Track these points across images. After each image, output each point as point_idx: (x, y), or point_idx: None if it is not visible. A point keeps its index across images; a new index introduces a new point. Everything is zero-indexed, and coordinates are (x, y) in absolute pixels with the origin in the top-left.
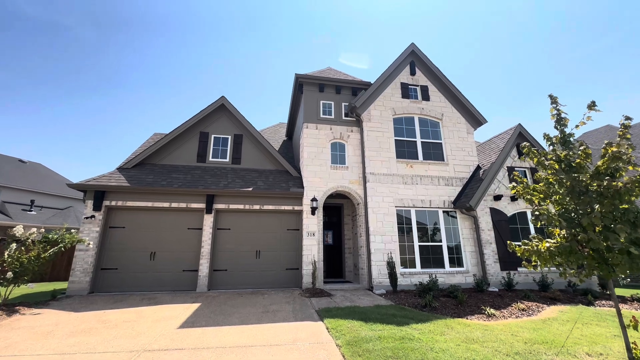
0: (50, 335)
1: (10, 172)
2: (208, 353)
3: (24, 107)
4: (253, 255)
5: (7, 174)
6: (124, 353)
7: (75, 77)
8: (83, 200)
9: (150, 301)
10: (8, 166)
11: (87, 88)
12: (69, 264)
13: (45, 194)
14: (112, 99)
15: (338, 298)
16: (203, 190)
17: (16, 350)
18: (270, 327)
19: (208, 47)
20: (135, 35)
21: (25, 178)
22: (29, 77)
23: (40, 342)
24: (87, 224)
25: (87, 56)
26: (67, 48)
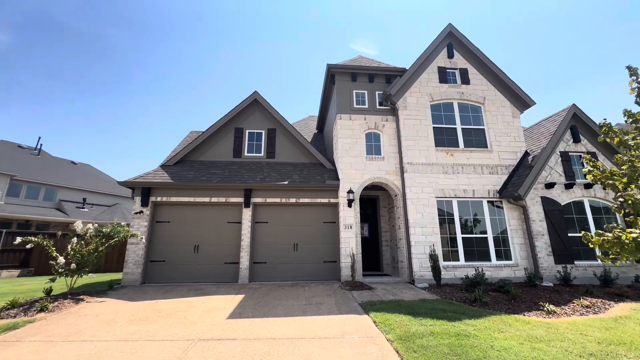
0: (112, 322)
1: (64, 174)
2: (259, 344)
3: (70, 111)
4: (291, 248)
5: (62, 175)
6: (181, 341)
7: (116, 81)
8: (132, 197)
9: (197, 292)
10: (62, 168)
11: (127, 91)
12: (120, 256)
13: (95, 192)
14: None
15: (379, 291)
16: (240, 185)
17: (86, 335)
18: (316, 319)
19: (238, 45)
20: (167, 38)
21: (77, 178)
22: (73, 83)
23: (104, 328)
24: (136, 219)
25: (124, 60)
26: (106, 54)
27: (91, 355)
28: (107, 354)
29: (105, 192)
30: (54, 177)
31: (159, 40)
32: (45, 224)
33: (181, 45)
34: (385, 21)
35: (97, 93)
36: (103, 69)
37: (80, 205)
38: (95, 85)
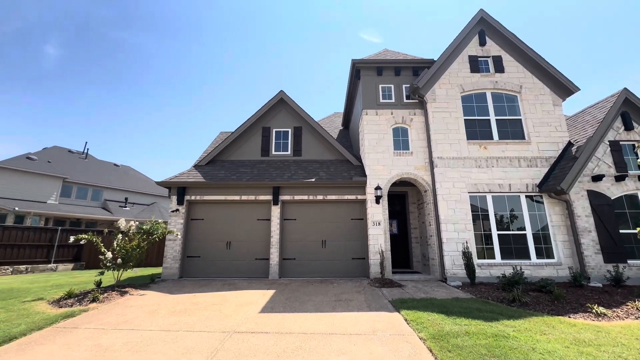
0: (155, 313)
1: (108, 175)
2: (291, 338)
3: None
4: (319, 245)
5: (106, 177)
6: (218, 333)
7: (152, 89)
8: (168, 196)
9: (230, 286)
10: (106, 170)
11: (163, 97)
12: (159, 252)
13: (135, 192)
14: (182, 101)
15: (410, 289)
16: (269, 183)
17: (132, 325)
18: (346, 315)
19: (263, 47)
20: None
21: (119, 179)
22: (112, 89)
23: (148, 319)
24: (173, 217)
25: (158, 68)
26: (141, 61)
27: (137, 343)
28: (152, 342)
29: (144, 192)
30: (99, 179)
31: (191, 48)
32: (93, 222)
33: (213, 51)
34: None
35: (134, 99)
36: (139, 77)
37: (122, 204)
38: (132, 92)
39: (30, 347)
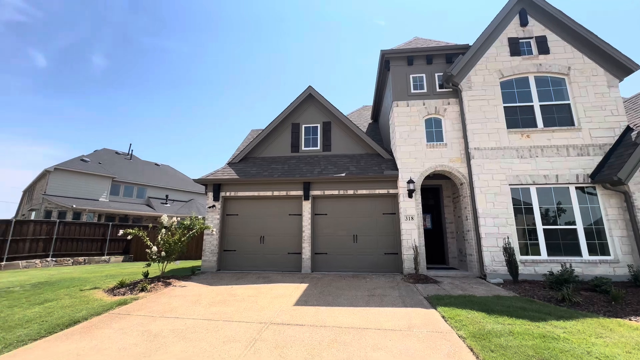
0: (197, 303)
1: (151, 174)
2: (326, 331)
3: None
4: (350, 240)
5: (149, 176)
6: (255, 324)
7: (185, 90)
8: (205, 193)
9: (264, 279)
10: (149, 169)
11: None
12: (197, 245)
13: (174, 190)
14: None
15: (446, 285)
16: (299, 179)
17: (177, 313)
18: (380, 311)
19: (289, 44)
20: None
21: (160, 178)
22: (148, 93)
23: (191, 308)
24: (210, 213)
25: (190, 71)
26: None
27: (183, 330)
28: (195, 330)
29: (183, 189)
30: (143, 178)
31: (222, 49)
32: (139, 217)
33: (244, 49)
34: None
35: (171, 101)
36: (175, 80)
37: (163, 201)
38: (168, 95)
39: (91, 330)
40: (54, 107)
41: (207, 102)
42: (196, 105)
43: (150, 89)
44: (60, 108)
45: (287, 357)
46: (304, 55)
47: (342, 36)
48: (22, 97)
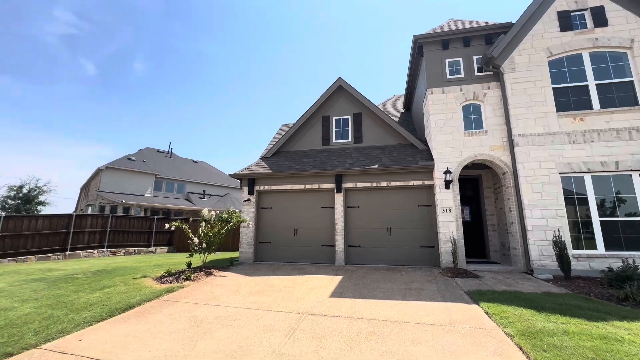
0: (236, 292)
1: (189, 170)
2: (363, 323)
3: (186, 116)
4: (384, 232)
5: (187, 172)
6: (293, 314)
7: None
8: (240, 187)
9: (299, 271)
10: (187, 166)
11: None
12: (234, 237)
13: (211, 185)
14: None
15: (488, 280)
16: (331, 171)
17: (219, 301)
18: (418, 305)
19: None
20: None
21: (197, 174)
22: (185, 94)
23: (232, 297)
24: (245, 206)
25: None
26: (213, 65)
27: (225, 318)
28: (237, 318)
29: (218, 184)
30: (182, 174)
31: (251, 48)
32: (180, 211)
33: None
34: None
35: (204, 100)
36: (207, 80)
37: (201, 195)
38: (202, 94)
39: (144, 315)
40: (103, 110)
41: (239, 99)
42: (229, 103)
43: (185, 89)
44: (108, 111)
45: (326, 348)
46: (333, 49)
47: (370, 25)
48: (77, 103)
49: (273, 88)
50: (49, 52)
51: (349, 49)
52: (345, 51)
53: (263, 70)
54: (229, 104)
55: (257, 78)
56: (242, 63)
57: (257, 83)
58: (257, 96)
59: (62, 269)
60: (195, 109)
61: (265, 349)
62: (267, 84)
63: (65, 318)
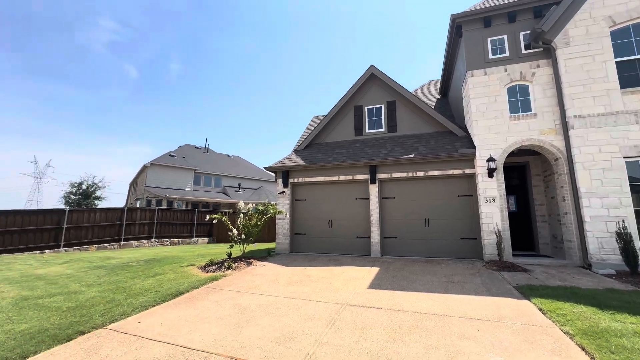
0: (276, 282)
1: (224, 165)
2: (404, 316)
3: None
4: (421, 224)
5: (223, 167)
6: (332, 304)
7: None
8: (275, 180)
9: (335, 262)
10: (223, 161)
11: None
12: (269, 229)
13: (245, 179)
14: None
15: (539, 274)
16: (365, 162)
17: (260, 290)
18: (462, 298)
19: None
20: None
21: (232, 168)
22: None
23: (271, 286)
24: (280, 198)
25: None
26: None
27: (267, 306)
28: (278, 306)
29: (252, 177)
30: (219, 169)
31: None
32: (217, 204)
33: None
34: None
35: (237, 96)
36: (239, 76)
37: (237, 189)
38: (234, 91)
39: (193, 301)
40: (144, 111)
41: (271, 93)
42: (261, 98)
43: (218, 86)
44: (149, 112)
45: (368, 339)
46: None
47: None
48: (122, 105)
49: (304, 81)
50: (96, 59)
51: (380, 36)
52: (376, 39)
53: (294, 64)
54: (261, 99)
55: (290, 71)
56: (273, 57)
57: (290, 76)
58: (289, 89)
59: (118, 258)
60: (229, 104)
61: (308, 337)
62: (297, 77)
63: (125, 302)
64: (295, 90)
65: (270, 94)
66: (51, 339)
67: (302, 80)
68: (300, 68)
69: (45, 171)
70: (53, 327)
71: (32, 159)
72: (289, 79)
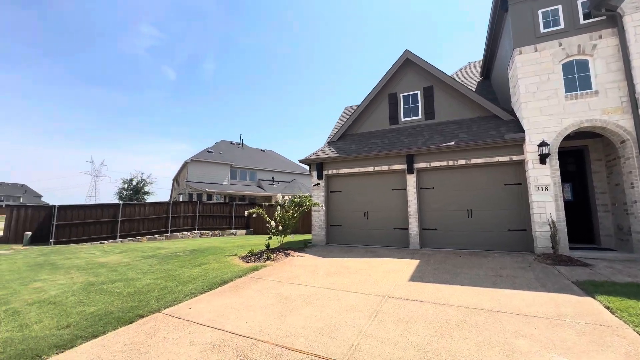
0: (314, 273)
1: (258, 159)
2: (451, 310)
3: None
4: (463, 215)
5: (257, 161)
6: (373, 296)
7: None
8: (309, 172)
9: (372, 254)
10: (256, 155)
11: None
12: (304, 221)
13: (278, 172)
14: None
15: (602, 269)
16: (402, 151)
17: (300, 281)
18: (513, 293)
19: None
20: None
21: (266, 162)
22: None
23: (310, 277)
24: (315, 190)
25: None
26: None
27: (308, 296)
28: (318, 297)
29: (285, 170)
30: (253, 163)
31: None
32: (253, 197)
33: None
34: None
35: (268, 91)
36: (270, 72)
37: (270, 182)
38: (266, 85)
39: (237, 290)
40: (183, 110)
41: (302, 87)
42: (292, 92)
43: (251, 82)
44: (188, 111)
45: (414, 332)
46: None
47: None
48: (162, 106)
49: (334, 73)
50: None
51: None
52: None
53: (324, 55)
54: (292, 93)
55: (321, 64)
56: (303, 50)
57: (321, 69)
58: (321, 83)
59: (166, 248)
60: (261, 100)
61: (350, 328)
62: (328, 69)
63: (176, 289)
64: (328, 83)
65: (303, 87)
66: (116, 321)
67: (334, 74)
68: (332, 62)
69: (100, 170)
70: (117, 310)
71: (89, 159)
72: (321, 73)
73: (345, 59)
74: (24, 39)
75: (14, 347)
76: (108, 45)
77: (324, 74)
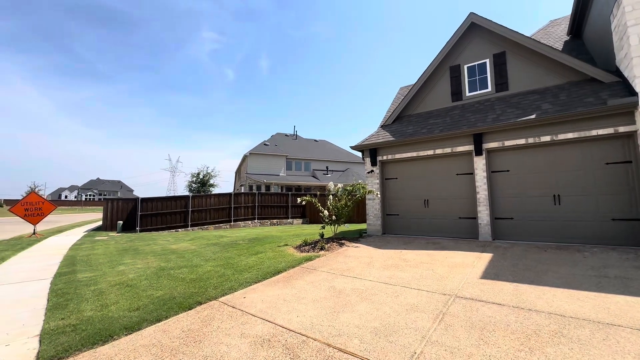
0: (370, 265)
1: (312, 150)
2: (540, 318)
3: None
4: (548, 201)
5: (311, 151)
6: (437, 294)
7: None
8: (362, 159)
9: (435, 245)
10: (310, 145)
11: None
12: (358, 210)
13: (332, 161)
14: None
15: None
16: (468, 131)
17: (354, 273)
18: (631, 301)
19: None
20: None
21: (320, 152)
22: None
23: (366, 270)
24: (369, 178)
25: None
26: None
27: (363, 291)
28: (374, 292)
29: (338, 160)
30: (307, 153)
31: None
32: (308, 187)
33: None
34: None
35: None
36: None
37: (324, 171)
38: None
39: (290, 280)
40: (242, 107)
41: (354, 74)
42: (344, 80)
43: (303, 73)
44: (246, 107)
45: (492, 344)
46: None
47: None
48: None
49: (387, 56)
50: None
51: None
52: None
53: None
54: (345, 81)
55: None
56: (353, 35)
57: (371, 52)
58: (374, 68)
59: (229, 236)
60: (314, 90)
61: (412, 331)
62: (379, 51)
63: (232, 277)
64: (381, 68)
65: (355, 75)
66: (177, 307)
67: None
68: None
69: (177, 166)
70: (179, 296)
71: (167, 157)
72: (374, 59)
73: (398, 39)
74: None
75: (92, 326)
76: (180, 52)
77: (376, 57)
